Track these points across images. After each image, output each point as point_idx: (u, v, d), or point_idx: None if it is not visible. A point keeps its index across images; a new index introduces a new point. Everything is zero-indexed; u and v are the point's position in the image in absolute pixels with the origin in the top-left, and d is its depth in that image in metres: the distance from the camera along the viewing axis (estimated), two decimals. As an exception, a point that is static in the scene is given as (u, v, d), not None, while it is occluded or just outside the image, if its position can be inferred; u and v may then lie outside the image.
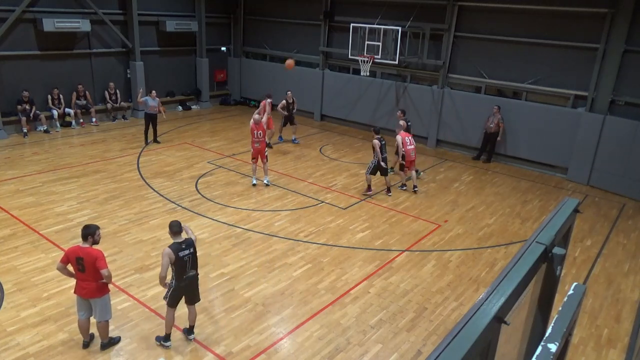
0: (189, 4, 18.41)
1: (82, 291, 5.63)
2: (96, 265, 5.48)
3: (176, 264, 5.64)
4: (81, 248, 5.57)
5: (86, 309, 5.77)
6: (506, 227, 10.01)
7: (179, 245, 5.66)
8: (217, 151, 13.85)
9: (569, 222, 2.46)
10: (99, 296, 5.67)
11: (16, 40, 14.21)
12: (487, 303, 1.63)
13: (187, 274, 5.75)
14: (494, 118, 13.69)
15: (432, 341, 6.36)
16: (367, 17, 15.41)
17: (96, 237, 5.68)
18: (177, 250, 5.61)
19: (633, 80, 11.93)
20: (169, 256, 5.57)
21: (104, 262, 5.55)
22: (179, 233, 5.74)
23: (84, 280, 5.59)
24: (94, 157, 12.82)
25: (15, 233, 8.57)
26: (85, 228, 5.65)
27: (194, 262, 5.81)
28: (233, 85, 20.69)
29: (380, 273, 7.95)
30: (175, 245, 5.64)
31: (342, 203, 10.72)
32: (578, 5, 12.30)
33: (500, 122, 13.65)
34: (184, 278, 5.74)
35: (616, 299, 7.62)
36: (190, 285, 5.89)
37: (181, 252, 5.63)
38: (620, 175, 12.15)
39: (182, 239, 5.74)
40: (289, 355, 6.00)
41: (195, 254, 5.83)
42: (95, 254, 5.53)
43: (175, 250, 5.59)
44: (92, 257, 5.50)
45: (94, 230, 5.67)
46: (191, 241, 5.77)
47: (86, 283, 5.59)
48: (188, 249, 5.70)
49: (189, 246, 5.72)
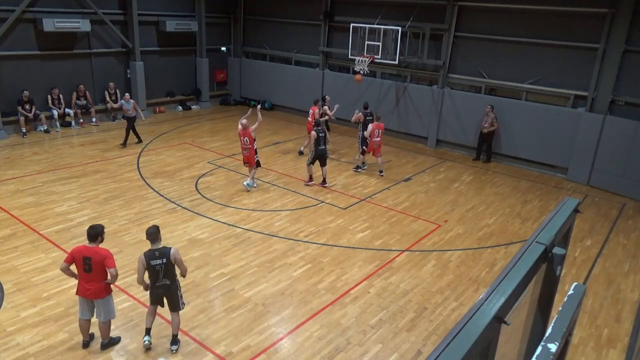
0: (189, 4, 18.42)
1: (87, 292, 5.61)
2: (105, 264, 5.49)
3: (148, 271, 5.59)
4: (88, 248, 5.56)
5: (89, 310, 5.77)
6: (506, 227, 10.01)
7: (152, 253, 5.58)
8: (217, 151, 13.85)
9: (569, 222, 2.46)
10: (104, 296, 5.68)
11: (16, 40, 14.22)
12: (487, 303, 1.63)
13: (159, 282, 5.65)
14: (487, 118, 13.70)
15: (432, 341, 6.36)
16: (367, 17, 15.41)
17: (103, 236, 5.72)
18: (149, 258, 5.54)
19: (633, 80, 11.94)
20: (142, 262, 5.55)
21: (113, 262, 5.57)
22: (156, 240, 5.64)
23: (89, 281, 5.57)
24: (94, 157, 12.82)
25: (15, 233, 8.57)
26: (92, 228, 5.65)
27: (168, 272, 5.65)
28: (233, 85, 20.69)
29: (380, 273, 7.95)
30: (148, 253, 5.58)
31: (342, 203, 10.72)
32: (578, 5, 12.30)
33: (494, 121, 13.64)
34: (157, 286, 5.67)
35: (616, 299, 7.62)
36: (167, 293, 5.78)
37: (153, 261, 5.54)
38: (620, 175, 12.15)
39: (159, 246, 5.64)
40: (289, 355, 6.00)
41: (170, 265, 5.63)
42: (105, 253, 5.55)
43: (147, 258, 5.54)
44: (101, 257, 5.51)
45: (102, 230, 5.70)
46: (166, 251, 5.61)
47: (91, 284, 5.57)
48: (161, 258, 5.56)
49: (162, 256, 5.57)
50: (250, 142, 10.70)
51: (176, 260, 5.64)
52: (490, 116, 13.65)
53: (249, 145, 10.74)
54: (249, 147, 10.75)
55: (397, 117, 16.18)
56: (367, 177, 12.45)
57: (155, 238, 5.63)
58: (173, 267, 5.66)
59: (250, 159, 10.88)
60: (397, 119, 16.21)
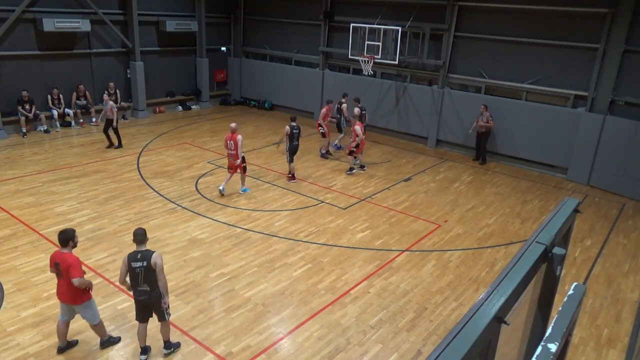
0: (189, 4, 18.42)
1: (63, 297, 5.57)
2: (69, 272, 5.33)
3: (129, 273, 5.44)
4: (59, 253, 5.49)
5: (65, 312, 5.70)
6: (506, 227, 10.01)
7: (134, 254, 5.42)
8: (217, 151, 13.85)
9: (569, 222, 2.46)
10: (79, 303, 5.57)
11: (16, 40, 14.22)
12: (487, 303, 1.63)
13: (139, 286, 5.44)
14: (482, 117, 13.67)
15: (432, 341, 6.36)
16: (367, 17, 15.41)
17: (75, 240, 5.56)
18: (131, 260, 5.40)
19: (633, 80, 11.93)
20: (124, 263, 5.44)
21: (78, 271, 5.37)
22: (141, 242, 5.50)
23: (62, 286, 5.53)
24: (94, 157, 12.82)
25: (15, 233, 8.57)
26: (63, 233, 5.50)
27: (147, 277, 5.41)
28: (233, 85, 20.69)
29: (380, 273, 7.95)
30: (131, 254, 5.44)
31: (342, 203, 10.72)
32: (578, 5, 12.30)
33: (489, 119, 13.61)
34: (137, 290, 5.47)
35: (616, 299, 7.62)
36: (150, 301, 5.53)
37: (134, 262, 5.38)
38: (620, 175, 12.15)
39: (144, 248, 5.48)
40: (289, 355, 6.00)
41: (150, 270, 5.39)
42: (71, 261, 5.37)
43: (129, 259, 5.41)
44: (67, 263, 5.37)
45: (73, 234, 5.52)
46: (148, 254, 5.40)
47: (64, 288, 5.51)
48: (141, 261, 5.37)
49: (143, 259, 5.38)
50: (235, 147, 10.30)
51: (156, 266, 5.39)
52: (486, 115, 13.62)
53: (234, 151, 10.36)
54: (233, 152, 10.39)
55: (397, 117, 16.18)
56: (367, 177, 12.45)
57: (141, 240, 5.50)
58: (154, 273, 5.42)
59: (234, 164, 10.55)
60: (397, 119, 16.21)
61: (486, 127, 13.67)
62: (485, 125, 13.63)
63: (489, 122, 13.64)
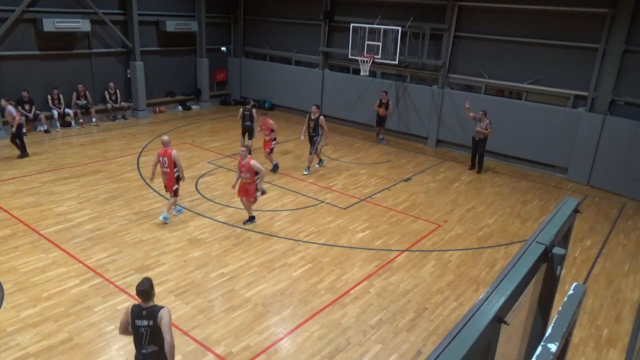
0: (189, 4, 18.41)
1: None
2: None
3: (132, 331, 4.58)
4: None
5: None
6: (506, 227, 10.01)
7: (139, 310, 4.53)
8: (217, 151, 13.85)
9: (569, 222, 2.46)
10: None
11: (16, 40, 14.22)
12: (487, 303, 1.63)
13: (143, 348, 4.52)
14: (481, 123, 12.88)
15: (432, 341, 6.36)
16: (367, 17, 15.41)
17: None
18: (135, 317, 4.52)
19: (633, 80, 11.94)
20: (127, 315, 4.58)
21: None
22: (147, 299, 4.56)
23: None
24: (94, 157, 12.82)
25: (15, 233, 8.57)
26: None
27: (154, 337, 4.50)
28: (233, 85, 20.69)
29: (380, 273, 7.95)
30: (135, 309, 4.55)
31: (342, 203, 10.71)
32: (578, 5, 12.30)
33: (488, 126, 12.85)
34: (141, 352, 4.51)
35: (616, 299, 7.62)
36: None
37: (138, 320, 4.50)
38: (620, 175, 12.16)
39: (150, 304, 4.55)
40: (289, 355, 6.00)
41: (158, 329, 4.48)
42: None
43: (133, 315, 4.53)
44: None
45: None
46: (155, 311, 4.49)
47: None
48: (147, 319, 4.48)
49: (149, 316, 4.48)
50: (170, 164, 8.96)
51: (162, 321, 4.46)
52: (485, 122, 12.85)
53: (167, 170, 9.01)
54: (167, 170, 9.02)
55: (397, 117, 16.17)
56: (367, 177, 12.46)
57: (147, 297, 4.55)
58: (159, 332, 4.52)
59: (169, 184, 9.16)
60: (397, 119, 16.20)
61: (484, 134, 12.94)
62: (483, 131, 12.92)
63: (488, 130, 12.86)
